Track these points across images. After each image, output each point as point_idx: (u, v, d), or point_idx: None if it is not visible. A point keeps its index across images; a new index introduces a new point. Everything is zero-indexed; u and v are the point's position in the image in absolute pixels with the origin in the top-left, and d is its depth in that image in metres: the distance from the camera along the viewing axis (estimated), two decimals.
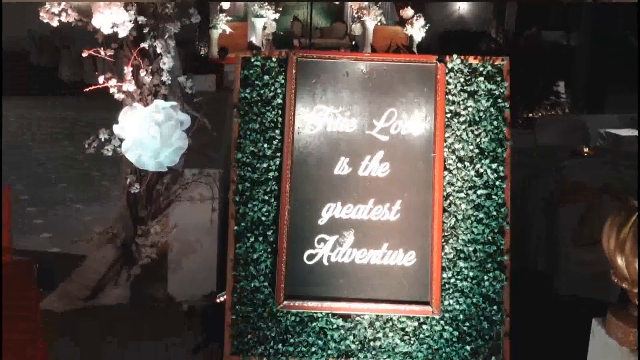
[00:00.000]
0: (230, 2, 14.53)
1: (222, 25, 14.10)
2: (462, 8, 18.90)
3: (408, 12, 14.39)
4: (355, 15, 15.75)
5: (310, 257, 3.44)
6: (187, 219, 4.49)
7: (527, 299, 4.49)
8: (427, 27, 14.26)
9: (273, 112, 3.50)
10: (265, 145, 3.48)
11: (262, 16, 14.71)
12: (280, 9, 15.36)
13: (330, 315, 3.41)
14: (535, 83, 7.57)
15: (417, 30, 14.05)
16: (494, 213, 3.44)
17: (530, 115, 7.64)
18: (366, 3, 15.13)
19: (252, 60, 3.53)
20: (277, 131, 3.48)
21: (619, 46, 9.07)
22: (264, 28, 14.92)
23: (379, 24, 15.38)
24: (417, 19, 14.15)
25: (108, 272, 4.46)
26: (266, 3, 14.51)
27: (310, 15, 13.14)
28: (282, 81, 3.50)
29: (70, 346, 3.94)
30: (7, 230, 5.78)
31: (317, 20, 17.19)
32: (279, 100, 3.50)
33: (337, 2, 16.79)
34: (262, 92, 3.50)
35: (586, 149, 4.97)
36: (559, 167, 4.60)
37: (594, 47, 8.33)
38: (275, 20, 15.07)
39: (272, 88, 3.50)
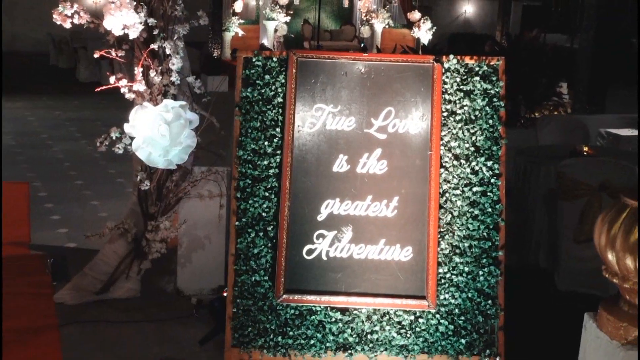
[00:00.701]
0: (242, 6, 14.72)
1: (234, 28, 14.28)
2: (468, 12, 19.02)
3: (415, 15, 14.45)
4: (364, 18, 15.88)
5: (309, 252, 3.51)
6: (196, 215, 4.57)
7: (527, 295, 4.55)
8: (433, 30, 14.32)
9: (274, 111, 3.57)
10: (266, 143, 3.55)
11: (273, 19, 14.87)
12: (292, 12, 15.53)
13: (328, 308, 3.48)
14: (536, 83, 7.60)
15: (424, 32, 14.10)
16: (489, 210, 3.50)
17: (535, 115, 7.67)
18: (375, 6, 15.27)
19: (254, 60, 3.60)
20: (278, 129, 3.56)
21: (621, 48, 9.06)
22: (276, 30, 15.07)
23: (387, 26, 15.47)
24: (424, 22, 14.21)
25: (119, 266, 4.55)
26: (278, 6, 14.70)
27: (318, 18, 13.23)
28: (283, 80, 3.57)
29: (82, 336, 4.04)
30: (26, 225, 5.94)
31: (328, 23, 17.36)
32: (280, 99, 3.57)
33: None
34: (263, 91, 3.57)
35: (586, 148, 5.00)
36: (560, 165, 4.64)
37: (596, 48, 8.34)
38: (286, 23, 15.22)
39: (273, 87, 3.57)
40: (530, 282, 4.90)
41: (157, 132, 3.92)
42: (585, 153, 4.96)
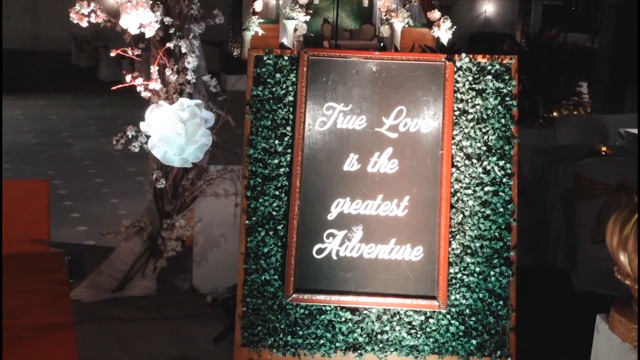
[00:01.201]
0: (262, 5, 14.74)
1: (254, 27, 14.32)
2: (489, 11, 18.96)
3: (435, 14, 14.37)
4: (384, 18, 15.83)
5: (320, 251, 3.49)
6: (211, 213, 4.60)
7: (543, 295, 4.51)
8: (453, 29, 14.25)
9: (284, 110, 3.55)
10: (277, 142, 3.54)
11: (293, 18, 14.89)
12: (311, 12, 15.54)
13: (338, 308, 3.46)
14: (555, 82, 7.53)
15: (444, 32, 14.02)
16: (501, 209, 3.46)
17: (554, 114, 7.60)
18: (394, 6, 15.20)
19: (265, 58, 3.59)
20: (288, 128, 3.54)
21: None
22: (295, 30, 15.09)
23: (406, 25, 15.42)
24: (444, 21, 14.14)
25: (135, 264, 4.59)
26: (297, 6, 14.70)
27: (336, 17, 13.22)
28: (294, 79, 3.55)
29: (98, 334, 4.08)
30: (45, 223, 6.03)
31: (347, 22, 17.36)
32: (290, 98, 3.55)
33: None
34: (274, 89, 3.56)
35: (604, 148, 4.94)
36: (577, 165, 4.59)
37: (616, 48, 8.25)
38: (306, 22, 15.24)
39: (284, 86, 3.56)
40: (547, 282, 4.86)
41: (173, 130, 3.95)
42: (603, 153, 4.90)
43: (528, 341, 3.82)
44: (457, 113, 3.51)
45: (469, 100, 3.52)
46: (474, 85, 3.53)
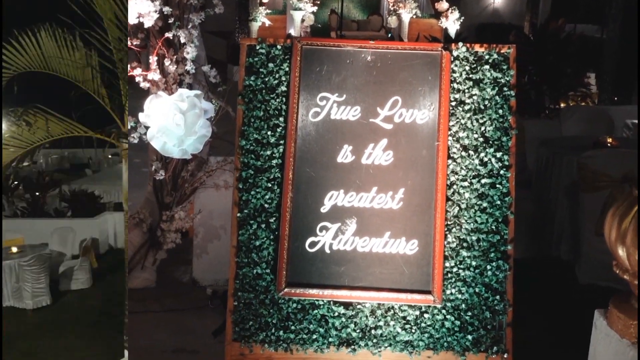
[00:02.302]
0: None
1: (261, 18, 14.20)
2: (497, 1, 18.73)
3: (443, 5, 14.22)
4: (392, 8, 15.68)
5: (312, 244, 3.43)
6: (211, 205, 4.58)
7: (546, 288, 4.44)
8: (461, 20, 14.11)
9: (277, 100, 3.49)
10: (269, 133, 3.48)
11: (300, 9, 14.77)
12: (318, 2, 15.41)
13: (331, 302, 3.40)
14: (561, 74, 7.42)
15: (452, 22, 13.87)
16: (498, 202, 3.38)
17: (562, 105, 7.50)
18: None
19: (257, 47, 3.52)
20: (281, 119, 3.47)
21: None
22: (303, 21, 14.96)
23: (414, 16, 15.25)
24: (451, 12, 13.99)
25: (135, 256, 4.58)
26: None
27: (341, 8, 13.09)
28: (287, 69, 3.48)
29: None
30: None
31: (355, 13, 17.23)
32: (283, 88, 3.49)
33: None
34: (266, 79, 3.49)
35: (609, 140, 4.84)
36: (581, 156, 4.50)
37: (623, 39, 8.13)
38: (313, 13, 15.13)
39: (277, 76, 3.49)
40: (551, 274, 4.79)
41: (172, 121, 3.91)
42: (608, 144, 4.80)
43: (529, 335, 3.76)
44: (453, 103, 3.43)
45: (466, 91, 3.43)
46: (471, 75, 3.44)
